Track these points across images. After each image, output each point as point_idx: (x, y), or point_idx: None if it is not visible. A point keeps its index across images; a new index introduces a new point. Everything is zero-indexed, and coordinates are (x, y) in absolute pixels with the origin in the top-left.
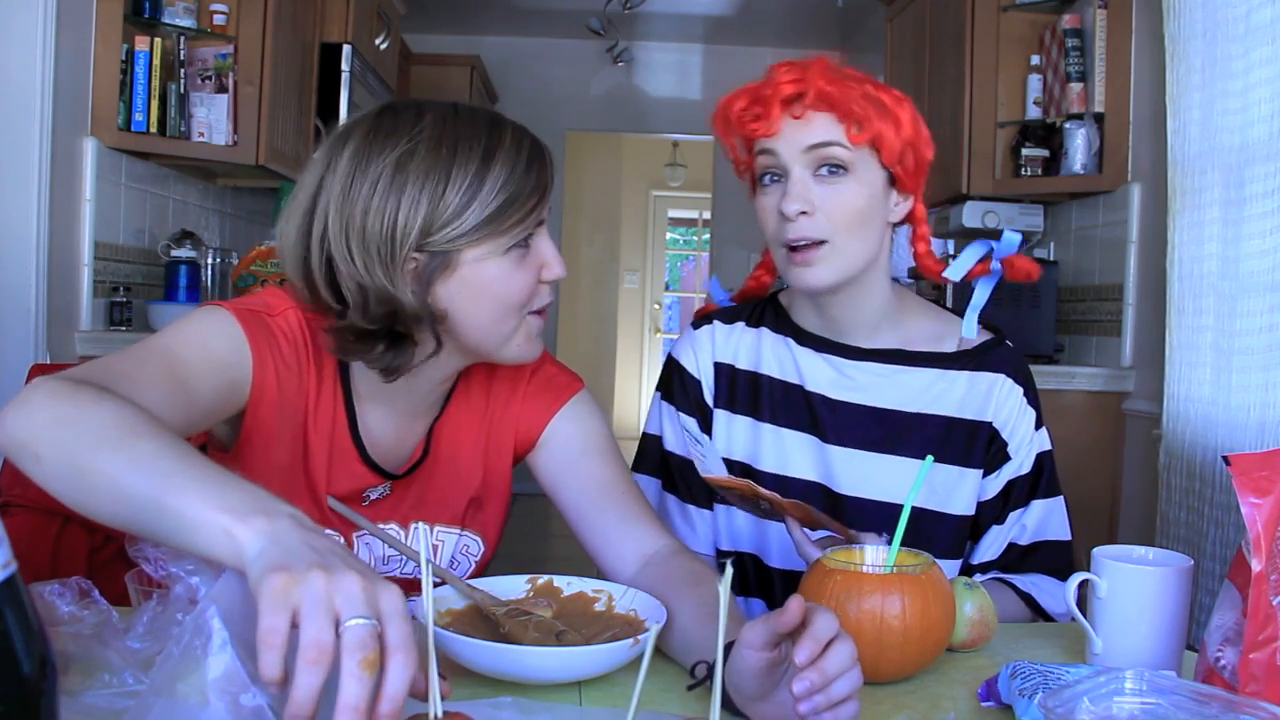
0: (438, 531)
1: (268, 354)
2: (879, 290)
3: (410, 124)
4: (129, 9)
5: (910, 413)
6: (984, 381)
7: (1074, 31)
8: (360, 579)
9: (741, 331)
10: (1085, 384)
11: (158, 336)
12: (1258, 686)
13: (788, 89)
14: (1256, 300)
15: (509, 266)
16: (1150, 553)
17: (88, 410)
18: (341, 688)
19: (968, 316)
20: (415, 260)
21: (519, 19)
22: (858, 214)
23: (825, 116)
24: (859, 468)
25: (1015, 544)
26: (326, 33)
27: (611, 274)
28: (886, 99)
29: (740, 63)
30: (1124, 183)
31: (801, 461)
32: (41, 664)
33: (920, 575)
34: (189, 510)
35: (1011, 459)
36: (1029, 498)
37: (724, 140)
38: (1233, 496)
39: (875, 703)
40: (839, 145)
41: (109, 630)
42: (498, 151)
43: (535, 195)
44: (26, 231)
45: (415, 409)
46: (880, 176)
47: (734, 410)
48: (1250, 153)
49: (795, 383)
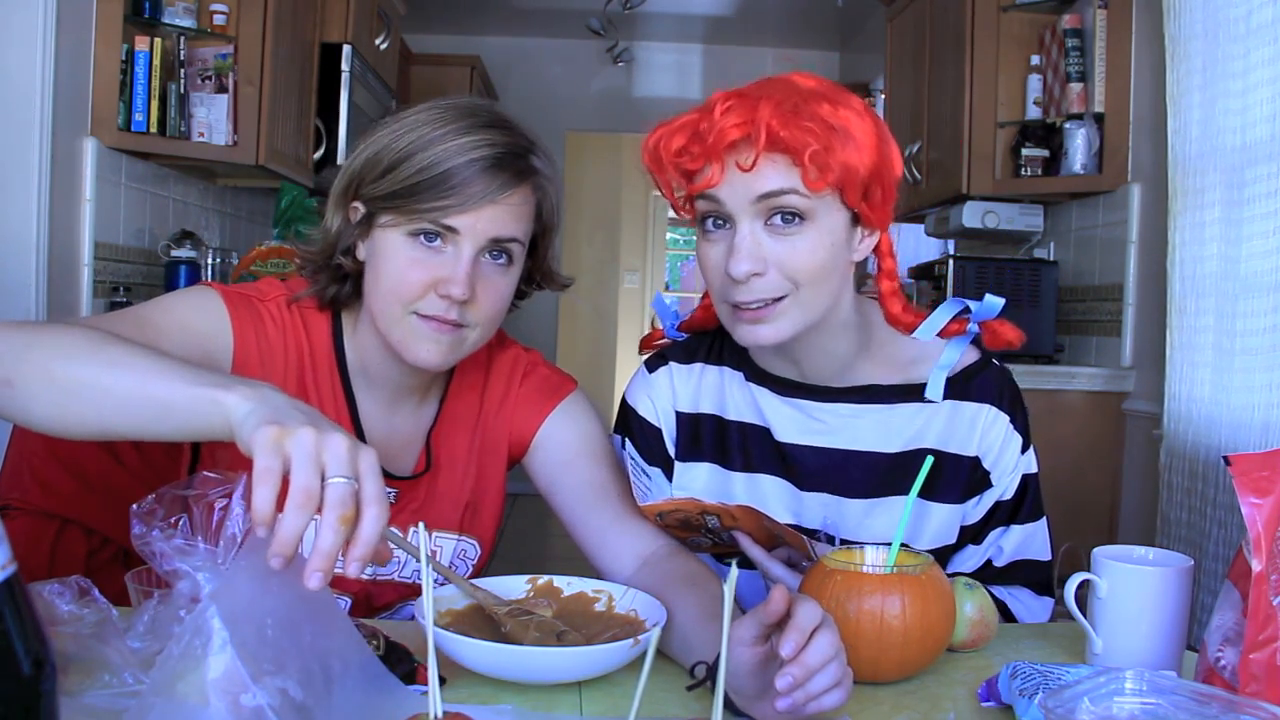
0: (436, 537)
1: (251, 334)
2: (842, 330)
3: (435, 100)
4: (129, 9)
5: (890, 454)
6: (967, 412)
7: (1074, 31)
8: (345, 439)
9: (701, 372)
10: (1085, 384)
11: (138, 305)
12: (1258, 686)
13: (733, 133)
14: (1258, 300)
15: (405, 250)
16: (1150, 553)
17: (51, 333)
18: (319, 536)
19: (933, 377)
20: (355, 208)
21: (519, 19)
22: (818, 268)
23: (778, 160)
24: (838, 513)
25: (991, 563)
26: (326, 33)
27: (611, 274)
28: (849, 119)
29: (740, 63)
30: (1124, 183)
31: (777, 507)
32: (41, 664)
33: (920, 575)
34: (173, 393)
35: (994, 485)
36: (1008, 521)
37: (657, 178)
38: (1233, 496)
39: (875, 703)
40: (795, 193)
41: (109, 630)
42: (448, 141)
43: (453, 197)
44: (26, 231)
45: (408, 407)
46: (843, 218)
47: (699, 459)
48: (1251, 153)
49: (763, 426)
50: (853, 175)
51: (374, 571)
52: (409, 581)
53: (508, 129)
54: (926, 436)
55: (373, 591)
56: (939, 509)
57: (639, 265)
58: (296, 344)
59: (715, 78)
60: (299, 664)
